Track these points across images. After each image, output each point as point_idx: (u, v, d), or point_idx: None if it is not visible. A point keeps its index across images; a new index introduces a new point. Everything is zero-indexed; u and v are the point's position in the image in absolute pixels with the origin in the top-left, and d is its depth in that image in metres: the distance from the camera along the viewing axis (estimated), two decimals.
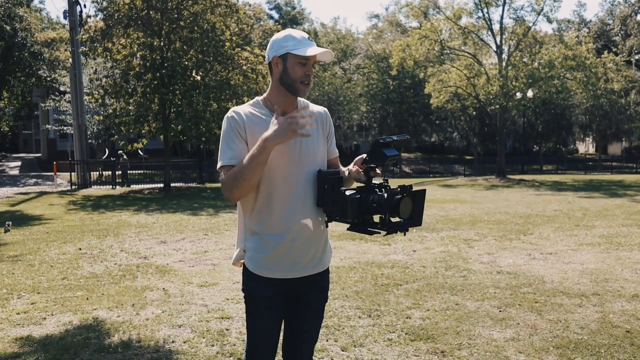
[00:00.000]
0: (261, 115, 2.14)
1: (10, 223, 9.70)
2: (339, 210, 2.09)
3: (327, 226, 2.20)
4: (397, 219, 2.02)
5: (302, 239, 2.15)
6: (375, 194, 2.02)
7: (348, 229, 2.09)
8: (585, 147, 56.40)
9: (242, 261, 2.31)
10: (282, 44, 2.11)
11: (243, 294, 2.27)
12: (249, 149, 2.06)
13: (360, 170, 2.11)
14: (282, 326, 2.31)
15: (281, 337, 2.33)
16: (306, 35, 2.14)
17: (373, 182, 2.08)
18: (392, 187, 2.01)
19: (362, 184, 2.10)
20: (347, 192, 2.06)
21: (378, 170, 2.08)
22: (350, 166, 2.19)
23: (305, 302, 2.25)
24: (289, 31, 2.16)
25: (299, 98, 2.23)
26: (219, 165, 2.09)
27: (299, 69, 2.10)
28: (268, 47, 2.18)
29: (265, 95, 2.21)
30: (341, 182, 2.16)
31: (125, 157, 22.14)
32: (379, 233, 2.02)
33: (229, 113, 2.15)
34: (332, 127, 2.34)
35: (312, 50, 2.08)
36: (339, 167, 2.30)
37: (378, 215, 2.00)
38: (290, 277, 2.18)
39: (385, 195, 1.98)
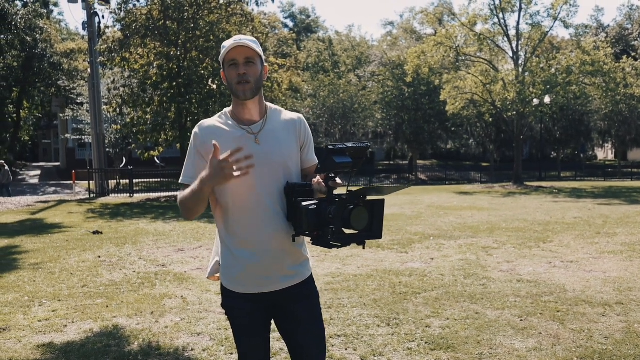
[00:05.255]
0: (225, 127, 2.13)
1: (100, 231, 10.21)
2: (297, 222, 1.98)
3: (294, 240, 2.08)
4: (351, 231, 1.89)
5: (273, 252, 2.08)
6: (334, 204, 1.88)
7: (312, 243, 1.98)
8: (604, 153, 55.64)
9: (217, 275, 2.26)
10: (221, 56, 2.14)
11: (224, 310, 2.22)
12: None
13: (321, 180, 2.00)
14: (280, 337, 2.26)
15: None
16: (237, 38, 2.11)
17: (334, 192, 1.96)
18: (344, 195, 1.89)
19: (323, 196, 1.98)
20: (304, 203, 1.94)
21: (338, 180, 1.97)
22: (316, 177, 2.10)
23: (292, 315, 2.18)
24: (225, 42, 2.16)
25: (269, 105, 2.21)
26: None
27: (231, 71, 2.10)
28: None
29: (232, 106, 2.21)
30: (311, 194, 2.05)
31: (6, 167, 20.73)
32: (338, 246, 1.89)
33: (195, 128, 2.17)
34: (309, 135, 2.25)
35: (227, 48, 2.07)
36: (317, 176, 2.21)
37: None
38: (265, 292, 2.12)
39: (336, 205, 1.86)
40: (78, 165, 28.60)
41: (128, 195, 20.18)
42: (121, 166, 26.27)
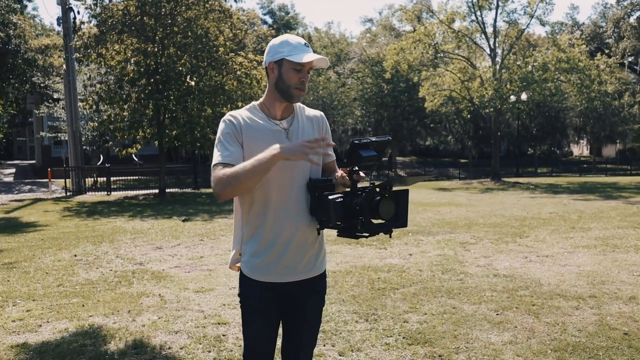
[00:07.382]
0: (258, 120, 2.16)
1: (188, 219, 10.49)
2: (325, 215, 2.06)
3: (319, 233, 2.18)
4: (379, 220, 1.99)
5: (296, 244, 2.15)
6: (359, 196, 1.99)
7: (337, 235, 2.07)
8: (580, 149, 56.63)
9: (238, 265, 2.31)
10: (278, 49, 2.13)
11: (239, 298, 2.27)
12: (244, 153, 2.08)
13: (345, 174, 2.09)
14: (280, 330, 2.31)
15: (280, 342, 2.32)
16: (302, 41, 2.14)
17: (358, 185, 2.05)
18: (372, 187, 1.98)
19: (348, 189, 2.07)
20: (331, 196, 2.03)
21: (362, 173, 2.05)
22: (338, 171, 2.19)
23: (301, 307, 2.26)
24: (285, 37, 2.16)
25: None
26: (214, 162, 2.06)
27: (293, 75, 2.11)
28: (265, 52, 2.19)
29: (261, 100, 2.23)
30: (332, 189, 2.13)
31: None
32: (365, 236, 1.99)
33: (226, 116, 2.16)
34: (329, 131, 2.34)
35: (308, 57, 2.08)
36: (336, 171, 2.28)
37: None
38: (285, 282, 2.19)
39: (365, 196, 1.96)
40: (54, 163, 28.09)
41: (105, 193, 19.91)
42: (98, 164, 25.90)
